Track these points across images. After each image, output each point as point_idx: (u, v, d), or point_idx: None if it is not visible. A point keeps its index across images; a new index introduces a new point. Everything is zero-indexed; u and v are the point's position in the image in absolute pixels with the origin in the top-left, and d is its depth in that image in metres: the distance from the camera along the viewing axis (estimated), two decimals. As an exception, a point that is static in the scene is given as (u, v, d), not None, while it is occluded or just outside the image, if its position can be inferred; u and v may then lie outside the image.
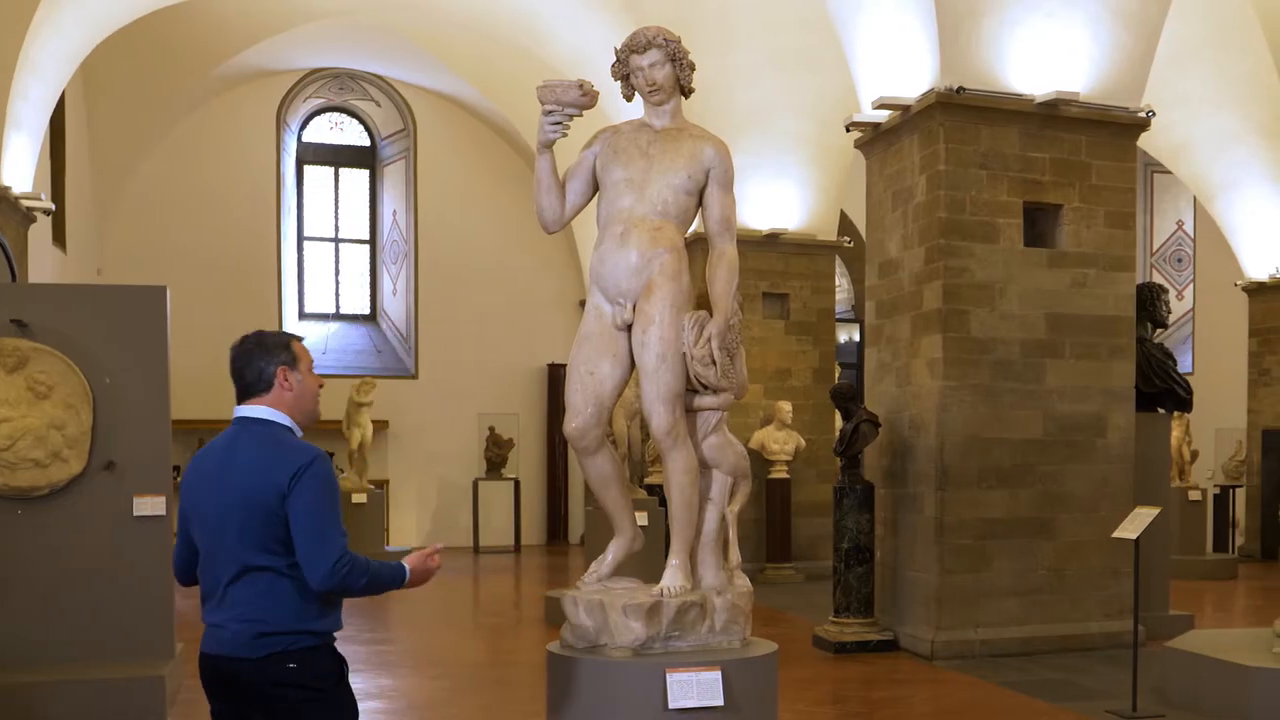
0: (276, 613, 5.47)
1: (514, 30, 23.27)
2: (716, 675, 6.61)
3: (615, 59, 7.27)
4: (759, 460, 21.16)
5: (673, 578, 7.00)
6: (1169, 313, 17.08)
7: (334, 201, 30.52)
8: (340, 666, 5.73)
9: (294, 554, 5.42)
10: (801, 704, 11.99)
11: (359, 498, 23.29)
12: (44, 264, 20.55)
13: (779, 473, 21.94)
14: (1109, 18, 14.67)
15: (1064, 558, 14.93)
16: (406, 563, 5.71)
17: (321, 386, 5.85)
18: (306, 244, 30.05)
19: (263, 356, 5.64)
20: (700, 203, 7.20)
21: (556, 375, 28.54)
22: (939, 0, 14.11)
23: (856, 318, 30.53)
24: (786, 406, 21.93)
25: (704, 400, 7.13)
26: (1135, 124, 15.25)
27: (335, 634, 5.70)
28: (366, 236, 30.63)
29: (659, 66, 7.14)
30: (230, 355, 5.72)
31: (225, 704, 5.70)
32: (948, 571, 14.47)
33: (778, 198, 22.08)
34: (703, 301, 7.11)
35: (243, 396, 5.69)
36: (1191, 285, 32.60)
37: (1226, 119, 23.97)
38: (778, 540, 22.08)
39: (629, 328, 7.00)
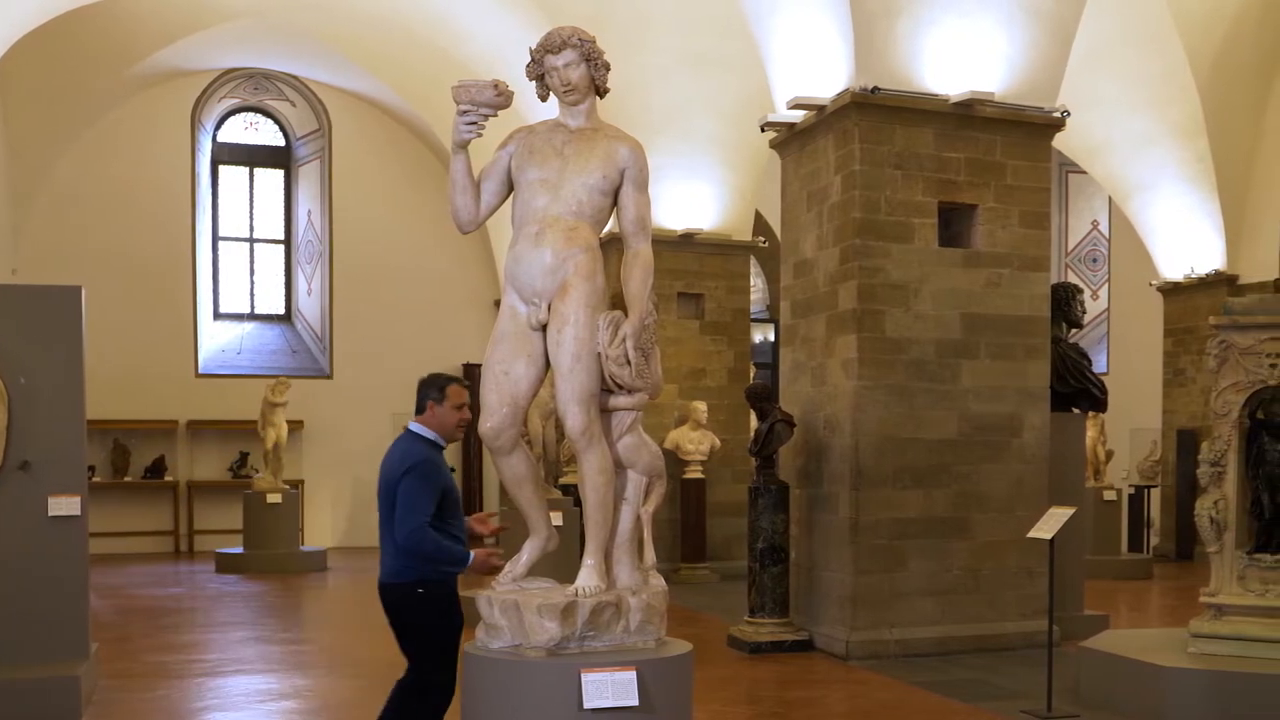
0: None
1: (429, 30, 23.23)
2: (631, 675, 6.62)
3: (530, 59, 7.25)
4: (674, 460, 21.16)
5: (588, 578, 6.98)
6: (1084, 313, 17.20)
7: (249, 201, 30.37)
8: None
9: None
10: (716, 704, 11.98)
11: (274, 498, 23.30)
12: (-41, 265, 20.40)
13: (694, 473, 21.95)
14: (1024, 18, 14.75)
15: (979, 558, 15.00)
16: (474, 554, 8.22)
17: (465, 421, 8.39)
18: (221, 244, 29.88)
19: (426, 390, 8.29)
20: (615, 203, 7.20)
21: (472, 375, 28.13)
22: (853, 0, 14.15)
23: (771, 318, 30.59)
24: (701, 406, 21.96)
25: (619, 400, 7.12)
26: (1050, 124, 15.33)
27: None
28: (281, 236, 30.51)
29: (574, 67, 7.13)
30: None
31: None
32: (863, 572, 14.49)
33: (693, 198, 22.11)
34: (618, 301, 7.10)
35: (416, 413, 8.33)
36: (1106, 285, 32.91)
37: (1142, 119, 24.19)
38: (693, 540, 22.08)
39: (544, 328, 6.98)
